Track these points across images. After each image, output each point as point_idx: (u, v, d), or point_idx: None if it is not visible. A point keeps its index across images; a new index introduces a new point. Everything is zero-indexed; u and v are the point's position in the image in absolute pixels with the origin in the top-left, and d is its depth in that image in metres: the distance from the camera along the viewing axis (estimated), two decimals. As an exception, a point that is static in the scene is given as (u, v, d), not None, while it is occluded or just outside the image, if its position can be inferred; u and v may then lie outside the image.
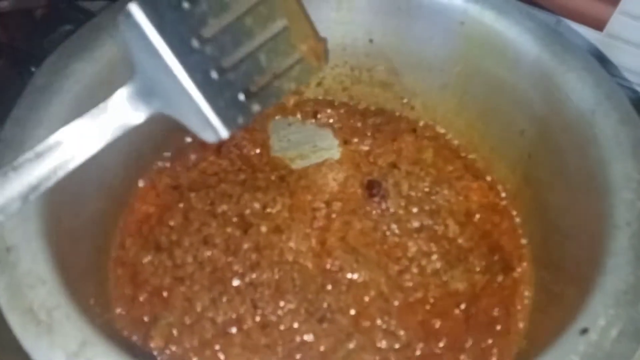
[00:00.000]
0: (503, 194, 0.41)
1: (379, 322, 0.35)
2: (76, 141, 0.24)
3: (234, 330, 0.33)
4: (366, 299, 0.35)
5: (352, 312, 0.35)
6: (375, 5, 0.40)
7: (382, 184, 0.40)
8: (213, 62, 0.24)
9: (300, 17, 0.26)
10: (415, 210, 0.39)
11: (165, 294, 0.34)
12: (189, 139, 0.41)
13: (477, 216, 0.40)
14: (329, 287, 0.35)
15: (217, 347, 0.33)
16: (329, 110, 0.45)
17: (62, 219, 0.30)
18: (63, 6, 0.51)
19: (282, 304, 0.34)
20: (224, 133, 0.25)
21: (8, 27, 0.50)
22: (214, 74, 0.24)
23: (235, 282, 0.35)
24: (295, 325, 0.34)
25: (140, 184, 0.39)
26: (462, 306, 0.36)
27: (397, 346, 0.34)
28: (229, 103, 0.24)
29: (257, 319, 0.34)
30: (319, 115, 0.45)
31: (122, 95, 0.24)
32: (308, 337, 0.34)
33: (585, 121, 0.33)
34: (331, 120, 0.44)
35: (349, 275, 0.36)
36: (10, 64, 0.49)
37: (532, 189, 0.38)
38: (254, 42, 0.25)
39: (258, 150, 0.41)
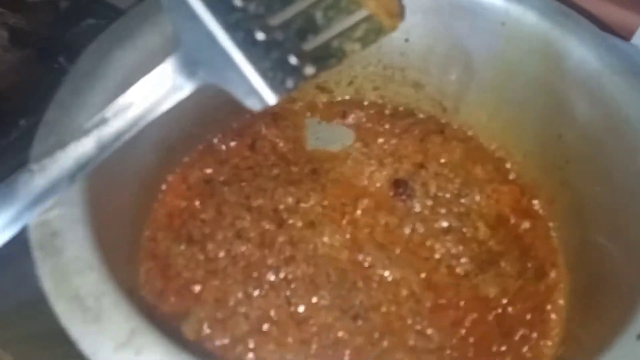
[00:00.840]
0: (537, 199, 0.40)
1: (410, 322, 0.34)
2: (123, 115, 0.24)
3: (267, 326, 0.33)
4: (398, 297, 0.35)
5: (384, 309, 0.34)
6: (413, 3, 0.40)
7: (409, 183, 0.40)
8: (258, 20, 0.22)
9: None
10: (443, 211, 0.38)
11: (196, 288, 0.34)
12: (219, 136, 0.41)
13: (509, 220, 0.39)
14: (360, 283, 0.35)
15: (250, 344, 0.32)
16: (358, 111, 0.44)
17: (100, 209, 0.29)
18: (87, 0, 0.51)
19: (315, 299, 0.34)
20: (270, 98, 0.23)
21: (34, 18, 0.50)
22: (260, 34, 0.22)
23: (270, 277, 0.34)
24: (330, 321, 0.33)
25: (171, 177, 0.38)
26: (495, 311, 0.35)
27: (429, 347, 0.33)
28: (276, 65, 0.22)
29: (292, 314, 0.33)
30: (347, 116, 0.44)
31: (166, 68, 0.24)
32: (342, 335, 0.33)
33: (631, 125, 0.32)
34: (361, 120, 0.44)
35: (380, 272, 0.36)
36: (37, 53, 0.49)
37: (569, 194, 0.38)
38: None
39: (291, 146, 0.41)
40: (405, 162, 0.41)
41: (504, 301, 0.36)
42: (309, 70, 0.23)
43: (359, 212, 0.38)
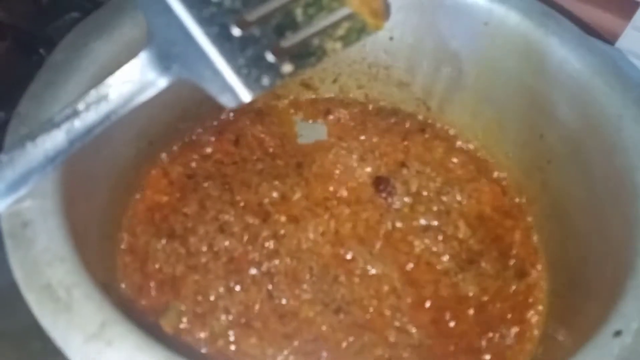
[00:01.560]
0: (518, 199, 0.40)
1: (391, 317, 0.34)
2: (95, 108, 0.23)
3: (249, 320, 0.32)
4: (379, 293, 0.35)
5: (365, 304, 0.34)
6: (396, 1, 0.40)
7: (390, 181, 0.40)
8: (234, 15, 0.21)
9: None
10: (423, 209, 0.39)
11: (176, 282, 0.33)
12: (201, 131, 0.40)
13: (490, 219, 0.39)
14: (343, 277, 0.35)
15: (231, 337, 0.32)
16: (341, 109, 0.44)
17: (75, 201, 0.29)
18: (70, -7, 0.50)
19: (297, 292, 0.34)
20: (244, 96, 0.22)
21: (14, 10, 0.49)
22: (235, 30, 0.22)
23: (252, 271, 0.34)
24: (312, 315, 0.33)
25: (152, 172, 0.38)
26: (475, 309, 0.35)
27: (409, 343, 0.33)
28: (252, 62, 0.22)
29: (274, 308, 0.33)
30: (330, 114, 0.44)
31: (139, 62, 0.23)
32: (324, 329, 0.33)
33: (612, 126, 0.32)
34: (345, 118, 0.44)
35: (362, 267, 0.36)
36: (17, 46, 0.48)
37: (550, 194, 0.38)
38: None
39: (276, 142, 0.41)
40: (387, 160, 0.41)
41: (484, 299, 0.36)
42: (287, 68, 0.22)
43: (340, 207, 0.38)
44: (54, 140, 0.22)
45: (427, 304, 0.35)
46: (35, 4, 0.51)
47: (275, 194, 0.38)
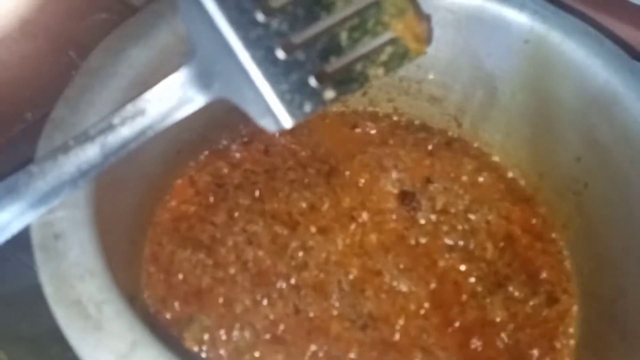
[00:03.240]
0: (550, 221, 0.39)
1: (417, 338, 0.34)
2: (130, 123, 0.23)
3: (274, 335, 0.32)
4: (406, 310, 0.35)
5: (392, 321, 0.34)
6: (433, 17, 0.39)
7: (416, 196, 0.39)
8: (280, 38, 0.21)
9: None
10: (448, 227, 0.38)
11: (202, 295, 0.33)
12: (229, 141, 0.40)
13: (519, 241, 0.38)
14: (370, 292, 0.35)
15: (256, 354, 0.31)
16: (369, 123, 0.43)
17: (104, 210, 0.29)
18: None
19: (325, 306, 0.33)
20: (286, 122, 0.22)
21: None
22: (280, 53, 0.21)
23: (280, 284, 0.34)
24: (339, 330, 0.33)
25: (179, 181, 0.38)
26: (503, 335, 0.35)
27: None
28: (295, 87, 0.22)
29: (300, 323, 0.32)
30: (358, 127, 0.43)
31: (179, 78, 0.23)
32: (349, 346, 0.33)
33: (654, 153, 0.31)
34: (373, 131, 0.43)
35: (389, 282, 0.35)
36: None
37: (585, 219, 0.37)
38: (334, 17, 0.21)
39: (307, 152, 0.40)
40: (412, 175, 0.40)
41: (512, 326, 0.35)
42: (329, 94, 0.22)
43: (367, 220, 0.38)
44: (88, 153, 0.22)
45: (454, 326, 0.35)
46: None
47: (304, 204, 0.37)
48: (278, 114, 0.22)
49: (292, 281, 0.34)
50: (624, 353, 0.27)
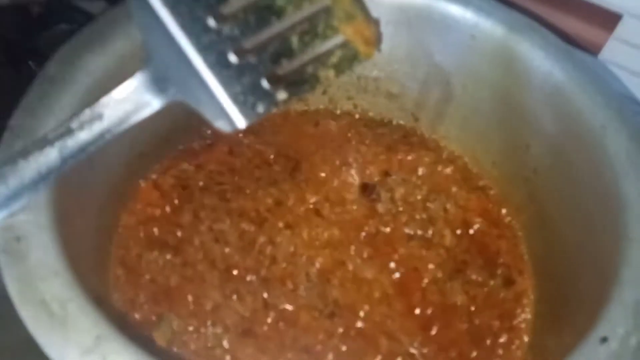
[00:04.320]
0: (504, 208, 0.41)
1: (382, 324, 0.35)
2: (89, 127, 0.23)
3: (245, 329, 0.33)
4: (370, 298, 0.36)
5: (358, 308, 0.35)
6: (385, 15, 0.40)
7: (376, 188, 0.40)
8: (232, 42, 0.22)
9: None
10: (407, 217, 0.39)
11: (170, 294, 0.33)
12: (191, 141, 0.41)
13: (476, 228, 0.40)
14: (335, 281, 0.36)
15: (226, 347, 0.32)
16: (330, 120, 0.45)
17: (68, 214, 0.29)
18: (59, 5, 0.51)
19: (294, 298, 0.34)
20: (240, 122, 0.23)
21: (3, 22, 0.49)
22: (232, 57, 0.22)
23: (249, 279, 0.34)
24: (307, 320, 0.34)
25: (143, 184, 0.38)
26: (463, 318, 0.36)
27: (400, 351, 0.34)
28: (247, 89, 0.22)
29: (269, 316, 0.33)
30: (319, 125, 0.44)
31: (135, 82, 0.23)
32: (318, 336, 0.33)
33: (596, 137, 0.33)
34: (334, 128, 0.44)
35: (353, 271, 0.36)
36: (6, 57, 0.48)
37: (537, 204, 0.38)
38: (284, 22, 0.22)
39: (272, 150, 0.41)
40: (372, 169, 0.41)
41: (473, 308, 0.36)
42: (281, 95, 0.23)
43: (330, 212, 0.39)
44: (47, 157, 0.22)
45: (417, 312, 0.36)
46: (24, 16, 0.51)
47: (270, 201, 0.38)
48: (232, 115, 0.23)
49: (262, 274, 0.35)
50: (577, 328, 0.29)
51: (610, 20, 0.43)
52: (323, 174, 0.41)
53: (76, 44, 0.32)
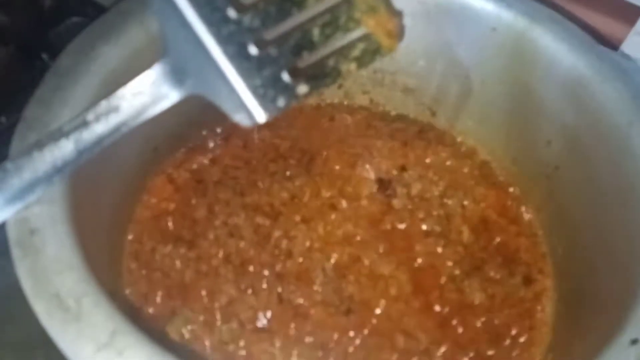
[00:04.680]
0: (524, 205, 0.40)
1: (398, 321, 0.34)
2: (105, 120, 0.23)
3: (259, 325, 0.32)
4: (386, 295, 0.35)
5: (374, 305, 0.35)
6: (402, 6, 0.39)
7: (392, 184, 0.40)
8: (252, 34, 0.21)
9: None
10: (424, 213, 0.39)
11: (185, 289, 0.33)
12: (205, 135, 0.40)
13: (495, 225, 0.39)
14: (352, 277, 0.35)
15: (241, 342, 0.32)
16: (345, 115, 0.44)
17: (82, 207, 0.29)
18: (72, -3, 0.50)
19: (309, 293, 0.34)
20: (260, 116, 0.22)
21: (16, 15, 0.49)
22: (252, 48, 0.21)
23: (264, 273, 0.34)
24: (323, 317, 0.33)
25: (157, 179, 0.38)
26: (482, 316, 0.35)
27: (417, 349, 0.33)
28: (268, 82, 0.22)
29: (284, 312, 0.33)
30: (334, 120, 0.44)
31: (152, 74, 0.23)
32: (334, 332, 0.33)
33: (621, 133, 0.32)
34: (349, 122, 0.44)
35: (370, 266, 0.36)
36: (20, 51, 0.48)
37: (557, 201, 0.38)
38: (306, 13, 0.21)
39: (287, 144, 0.40)
40: (389, 164, 0.41)
41: (491, 307, 0.36)
42: (302, 89, 0.22)
43: (346, 207, 0.38)
44: (62, 150, 0.22)
45: (434, 309, 0.35)
46: (37, 9, 0.51)
47: (285, 195, 0.38)
48: (252, 109, 0.22)
49: (277, 269, 0.34)
50: (601, 329, 0.28)
51: (631, 13, 0.42)
52: (338, 168, 0.40)
53: (90, 35, 0.32)
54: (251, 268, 0.35)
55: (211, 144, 0.40)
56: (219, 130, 0.40)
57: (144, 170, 0.37)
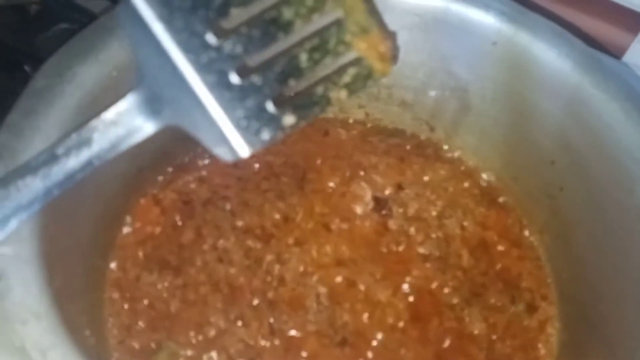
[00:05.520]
0: (527, 227, 0.38)
1: (395, 352, 0.33)
2: (76, 154, 0.21)
3: (249, 358, 0.31)
4: (383, 324, 0.34)
5: (369, 335, 0.33)
6: (399, 20, 0.38)
7: (388, 203, 0.38)
8: (234, 61, 0.20)
9: (360, 6, 0.20)
10: (422, 236, 0.37)
11: (170, 320, 0.32)
12: (192, 153, 0.38)
13: (495, 248, 0.38)
14: (346, 304, 0.34)
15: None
16: (340, 130, 0.42)
17: (56, 239, 0.27)
18: (59, 3, 0.49)
19: (302, 323, 0.32)
20: (243, 151, 0.21)
21: (0, 21, 0.48)
22: (234, 77, 0.20)
23: (255, 302, 0.33)
24: (317, 349, 0.32)
25: (142, 201, 0.36)
26: (483, 347, 0.34)
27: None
28: (251, 113, 0.20)
29: (276, 344, 0.31)
30: (329, 135, 0.42)
31: (126, 104, 0.21)
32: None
33: (628, 156, 0.31)
34: (344, 138, 0.42)
35: (365, 292, 0.34)
36: (2, 62, 0.46)
37: (562, 223, 0.36)
38: (292, 37, 0.20)
39: (280, 161, 0.39)
40: (385, 182, 0.39)
41: (493, 337, 0.34)
42: (289, 119, 0.21)
43: (340, 228, 0.37)
44: (29, 187, 0.20)
45: (433, 340, 0.34)
46: (22, 16, 0.49)
47: (277, 216, 0.36)
48: (233, 143, 0.21)
49: (269, 297, 0.33)
50: (615, 347, 0.27)
51: (635, 21, 0.41)
52: (332, 185, 0.39)
53: (66, 53, 0.30)
54: (241, 296, 0.33)
55: (200, 162, 0.39)
56: (206, 150, 0.39)
57: (128, 192, 0.36)
